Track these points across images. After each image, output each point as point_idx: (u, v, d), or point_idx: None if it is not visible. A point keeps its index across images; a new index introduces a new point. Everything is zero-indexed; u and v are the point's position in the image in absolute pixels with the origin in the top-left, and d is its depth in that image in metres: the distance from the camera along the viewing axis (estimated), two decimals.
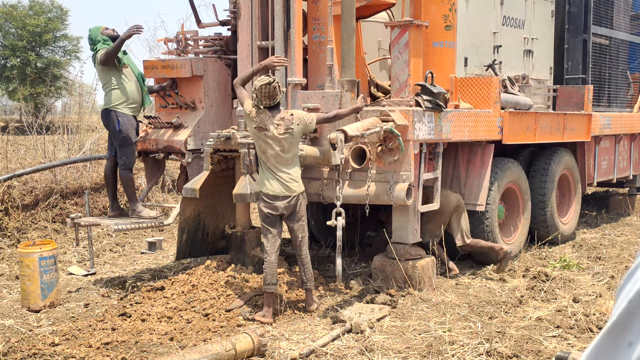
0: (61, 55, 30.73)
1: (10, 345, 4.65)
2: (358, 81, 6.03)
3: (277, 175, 5.29)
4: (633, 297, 0.73)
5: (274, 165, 5.29)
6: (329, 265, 7.03)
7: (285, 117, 5.28)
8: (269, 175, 5.32)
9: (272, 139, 5.24)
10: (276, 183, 5.29)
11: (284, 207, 5.35)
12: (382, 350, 4.53)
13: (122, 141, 6.67)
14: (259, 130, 5.26)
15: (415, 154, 5.85)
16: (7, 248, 7.94)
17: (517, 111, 7.22)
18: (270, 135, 5.23)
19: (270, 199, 5.32)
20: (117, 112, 6.64)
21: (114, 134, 6.71)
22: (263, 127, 5.24)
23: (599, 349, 0.77)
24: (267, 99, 5.21)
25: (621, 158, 9.93)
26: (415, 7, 6.88)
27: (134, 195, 6.87)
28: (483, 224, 6.86)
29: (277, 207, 5.33)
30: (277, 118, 5.26)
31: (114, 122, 6.64)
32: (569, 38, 9.05)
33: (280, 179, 5.29)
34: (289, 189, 5.31)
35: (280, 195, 5.31)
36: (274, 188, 5.29)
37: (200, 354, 4.22)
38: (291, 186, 5.32)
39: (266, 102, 5.23)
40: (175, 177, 9.87)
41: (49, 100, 15.99)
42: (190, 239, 6.73)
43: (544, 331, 4.89)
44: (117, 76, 6.67)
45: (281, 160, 5.29)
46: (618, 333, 0.74)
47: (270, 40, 6.37)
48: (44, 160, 9.89)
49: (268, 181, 5.31)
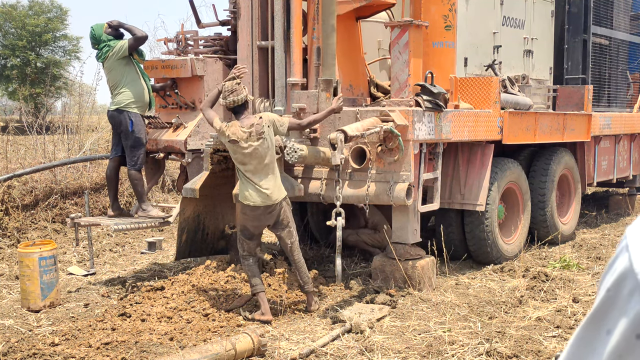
0: (61, 55, 30.73)
1: (10, 345, 4.65)
2: (337, 81, 5.99)
3: (256, 186, 5.20)
4: (610, 286, 0.75)
5: (253, 176, 5.20)
6: (328, 265, 7.03)
7: (255, 123, 5.20)
8: (248, 186, 5.22)
9: (248, 149, 5.16)
10: (256, 194, 5.20)
11: (266, 219, 5.31)
12: (382, 351, 4.53)
13: (135, 142, 6.61)
14: (232, 143, 5.18)
15: (415, 154, 5.85)
16: (7, 248, 7.94)
17: (517, 111, 7.22)
18: (245, 145, 5.15)
19: (251, 210, 5.27)
20: (130, 113, 6.57)
21: (126, 134, 6.60)
22: (236, 140, 5.16)
23: (580, 337, 0.79)
24: (230, 94, 5.17)
25: (621, 158, 9.93)
26: (415, 7, 6.89)
27: (144, 195, 6.87)
28: (483, 224, 6.86)
29: (259, 217, 5.28)
30: (247, 126, 5.19)
31: (126, 123, 6.55)
32: (569, 38, 9.05)
33: (260, 188, 5.20)
34: (269, 199, 5.23)
35: (262, 206, 5.25)
36: (255, 199, 5.21)
37: (200, 354, 4.23)
38: (272, 195, 5.23)
39: (231, 99, 5.17)
40: (175, 177, 9.87)
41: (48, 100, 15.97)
42: (190, 239, 6.73)
43: (544, 331, 4.89)
44: (129, 75, 6.61)
45: (260, 168, 5.20)
46: (597, 322, 0.76)
47: (270, 40, 6.37)
48: (44, 160, 9.89)
49: (248, 192, 5.22)
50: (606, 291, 0.76)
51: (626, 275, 0.73)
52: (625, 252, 0.74)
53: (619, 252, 0.76)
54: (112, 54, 6.56)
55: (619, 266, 0.75)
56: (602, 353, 0.74)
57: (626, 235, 0.76)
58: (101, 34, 6.67)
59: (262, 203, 5.22)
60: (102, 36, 6.66)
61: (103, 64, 6.72)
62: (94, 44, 6.73)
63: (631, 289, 0.72)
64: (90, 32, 6.72)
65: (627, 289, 0.73)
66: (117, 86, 6.60)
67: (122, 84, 6.58)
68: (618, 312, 0.73)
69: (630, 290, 0.72)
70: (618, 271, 0.74)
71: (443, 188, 6.63)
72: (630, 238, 0.75)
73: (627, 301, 0.72)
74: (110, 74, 6.66)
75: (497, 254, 7.03)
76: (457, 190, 6.80)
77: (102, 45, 6.63)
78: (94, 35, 6.68)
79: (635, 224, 0.76)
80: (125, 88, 6.58)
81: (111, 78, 6.64)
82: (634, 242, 0.74)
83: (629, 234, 0.75)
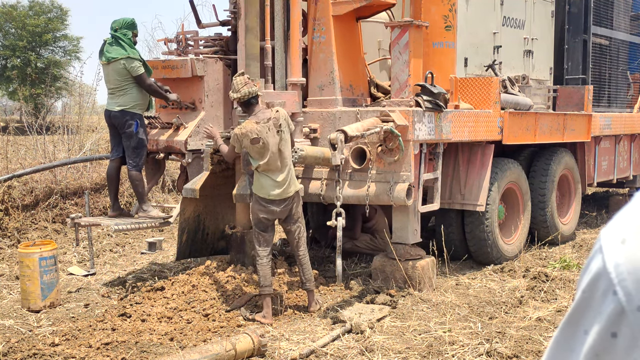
0: (61, 55, 30.71)
1: (10, 346, 4.66)
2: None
3: (273, 178, 5.24)
4: (585, 287, 0.77)
5: (269, 168, 5.23)
6: (329, 265, 7.03)
7: (272, 116, 5.25)
8: (266, 179, 5.25)
9: (268, 142, 5.18)
10: (274, 186, 5.24)
11: (280, 212, 5.34)
12: (382, 351, 4.53)
13: (138, 143, 6.60)
14: (254, 142, 5.19)
15: (415, 154, 5.85)
16: (7, 248, 7.94)
17: (517, 111, 7.22)
18: (265, 139, 5.17)
19: (267, 203, 5.29)
20: (135, 115, 6.55)
21: (130, 136, 6.56)
22: (257, 137, 5.17)
23: (559, 339, 0.81)
24: (244, 86, 5.20)
25: (621, 158, 9.93)
26: (415, 7, 6.89)
27: (144, 195, 6.87)
28: (483, 224, 6.86)
29: (273, 211, 5.31)
30: (263, 120, 5.21)
31: (131, 124, 6.52)
32: (569, 38, 9.05)
33: (277, 181, 5.24)
34: (286, 192, 5.28)
35: (278, 199, 5.29)
36: (272, 192, 5.25)
37: (200, 354, 4.23)
38: (289, 188, 5.29)
39: (246, 90, 5.18)
40: (175, 177, 9.87)
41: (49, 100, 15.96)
42: (190, 239, 6.73)
43: (544, 331, 4.89)
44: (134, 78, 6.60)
45: (277, 161, 5.24)
46: (574, 323, 0.78)
47: (270, 40, 6.37)
48: (44, 161, 9.89)
49: (265, 185, 5.26)
50: (582, 292, 0.78)
51: (600, 275, 0.75)
52: (599, 253, 0.76)
53: (593, 254, 0.78)
54: (127, 67, 6.48)
55: (594, 267, 0.77)
56: (580, 353, 0.76)
57: (600, 237, 0.78)
58: (126, 32, 6.56)
59: (278, 196, 5.26)
60: (129, 34, 6.53)
61: (107, 63, 6.61)
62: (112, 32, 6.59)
63: (605, 289, 0.74)
64: (121, 20, 6.59)
65: (601, 289, 0.75)
66: (122, 87, 6.54)
67: (128, 85, 6.54)
68: (593, 312, 0.75)
69: (604, 290, 0.74)
70: (592, 272, 0.76)
71: (443, 188, 6.63)
72: (604, 240, 0.76)
73: (602, 301, 0.74)
74: (115, 74, 6.55)
75: (497, 254, 7.03)
76: (457, 190, 6.80)
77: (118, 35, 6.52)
78: (120, 25, 6.53)
79: (610, 226, 0.78)
80: (132, 90, 6.55)
81: (116, 78, 6.56)
82: (608, 244, 0.76)
83: (603, 236, 0.77)
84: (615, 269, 0.73)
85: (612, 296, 0.73)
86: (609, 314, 0.73)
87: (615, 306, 0.72)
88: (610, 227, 0.78)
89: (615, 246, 0.74)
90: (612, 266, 0.74)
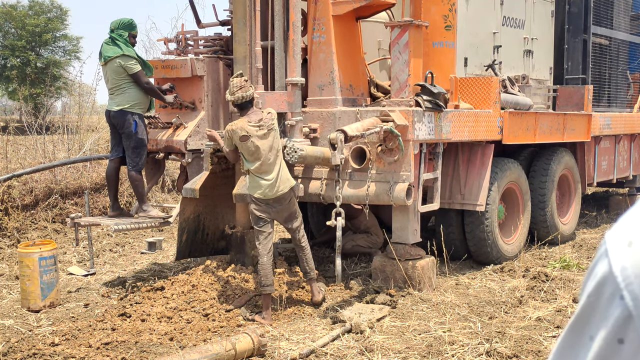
0: (61, 55, 30.69)
1: (10, 345, 4.65)
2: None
3: (266, 179, 5.31)
4: (591, 292, 0.75)
5: (262, 169, 5.31)
6: (329, 265, 7.03)
7: (263, 117, 5.36)
8: (258, 179, 5.33)
9: (258, 143, 5.28)
10: (267, 186, 5.32)
11: (278, 211, 5.42)
12: (382, 351, 4.53)
13: (137, 143, 6.58)
14: (243, 139, 5.29)
15: (415, 154, 5.85)
16: (7, 248, 7.94)
17: (517, 111, 7.22)
18: (255, 140, 5.28)
19: (263, 203, 5.36)
20: (134, 114, 6.53)
21: (129, 136, 6.53)
22: (247, 135, 5.27)
23: (564, 344, 0.79)
24: (239, 89, 5.27)
25: (621, 158, 9.93)
26: (415, 7, 6.89)
27: (144, 195, 6.87)
28: (483, 224, 6.86)
29: (270, 210, 5.39)
30: (255, 120, 5.32)
31: (130, 124, 6.50)
32: (569, 38, 9.05)
33: (270, 181, 5.31)
34: (279, 191, 5.35)
35: (272, 198, 5.33)
36: (265, 191, 5.32)
37: (200, 354, 4.22)
38: (282, 186, 5.36)
39: (240, 94, 5.27)
40: (175, 177, 9.86)
41: (48, 100, 15.95)
42: (190, 239, 6.73)
43: (544, 331, 4.89)
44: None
45: (269, 161, 5.32)
46: (580, 328, 0.76)
47: (270, 40, 6.37)
48: (44, 160, 9.89)
49: (259, 185, 5.34)
50: (587, 297, 0.76)
51: (606, 279, 0.73)
52: (605, 257, 0.74)
53: (598, 258, 0.76)
54: (123, 65, 6.47)
55: (599, 271, 0.75)
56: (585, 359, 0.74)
57: (605, 240, 0.76)
58: (123, 33, 6.56)
59: (272, 195, 5.33)
60: (125, 35, 6.54)
61: (105, 63, 6.60)
62: (110, 33, 6.60)
63: (611, 294, 0.72)
64: (119, 20, 6.59)
65: (607, 294, 0.73)
66: (121, 86, 6.53)
67: (126, 84, 6.53)
68: (599, 317, 0.73)
69: (610, 295, 0.72)
70: (598, 276, 0.75)
71: (443, 188, 6.63)
72: (610, 243, 0.75)
73: (608, 306, 0.72)
74: (114, 73, 6.54)
75: (497, 254, 7.03)
76: (457, 190, 6.80)
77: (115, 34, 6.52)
78: (118, 25, 6.53)
79: (615, 228, 0.76)
80: (130, 89, 6.53)
81: (115, 77, 6.55)
82: (613, 247, 0.74)
83: (608, 239, 0.75)
84: (622, 272, 0.71)
85: (619, 301, 0.71)
86: (615, 319, 0.71)
87: (622, 311, 0.70)
88: (615, 230, 0.76)
89: (621, 249, 0.73)
90: (618, 270, 0.72)
